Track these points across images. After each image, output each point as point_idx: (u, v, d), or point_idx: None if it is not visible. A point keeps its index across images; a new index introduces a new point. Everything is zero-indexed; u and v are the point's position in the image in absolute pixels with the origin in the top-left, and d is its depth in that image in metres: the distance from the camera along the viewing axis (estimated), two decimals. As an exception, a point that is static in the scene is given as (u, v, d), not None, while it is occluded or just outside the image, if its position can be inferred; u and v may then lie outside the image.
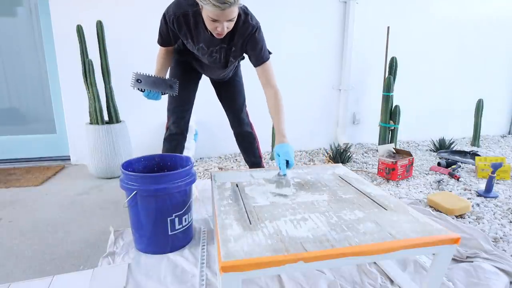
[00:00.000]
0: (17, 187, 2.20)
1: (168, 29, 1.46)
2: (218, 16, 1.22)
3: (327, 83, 3.14)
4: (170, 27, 1.44)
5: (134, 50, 2.60)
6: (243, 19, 1.41)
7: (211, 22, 1.27)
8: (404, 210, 1.09)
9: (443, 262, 0.95)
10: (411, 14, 3.18)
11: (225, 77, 1.77)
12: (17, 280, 1.23)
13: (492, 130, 3.80)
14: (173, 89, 1.51)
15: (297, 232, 0.94)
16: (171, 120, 1.80)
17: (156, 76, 1.49)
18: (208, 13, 1.23)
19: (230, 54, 1.54)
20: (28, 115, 2.75)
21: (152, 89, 1.46)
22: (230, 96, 1.85)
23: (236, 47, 1.50)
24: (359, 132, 3.35)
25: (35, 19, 2.58)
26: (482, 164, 2.34)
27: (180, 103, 1.76)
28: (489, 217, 1.70)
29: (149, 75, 1.46)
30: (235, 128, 1.93)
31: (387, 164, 2.28)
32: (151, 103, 2.21)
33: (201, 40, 1.47)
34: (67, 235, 1.57)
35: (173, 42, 1.53)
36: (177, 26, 1.43)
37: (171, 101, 1.76)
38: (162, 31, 1.49)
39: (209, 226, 1.61)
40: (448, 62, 3.42)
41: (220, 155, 2.97)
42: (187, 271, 1.25)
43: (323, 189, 1.29)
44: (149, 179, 1.26)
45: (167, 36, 1.49)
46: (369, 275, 1.22)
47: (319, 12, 2.93)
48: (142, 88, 1.45)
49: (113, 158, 2.33)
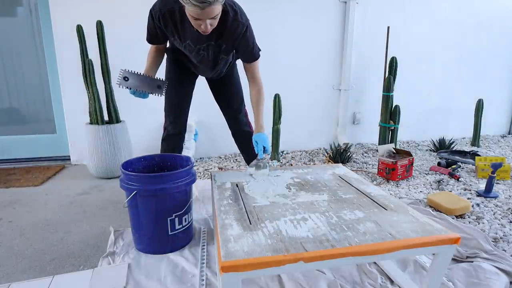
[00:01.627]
0: (17, 187, 2.19)
1: (155, 26, 1.45)
2: (199, 15, 1.21)
3: (327, 83, 3.14)
4: (157, 24, 1.44)
5: (134, 50, 2.59)
6: (232, 17, 1.39)
7: (194, 20, 1.27)
8: (404, 210, 1.09)
9: (443, 262, 0.95)
10: (411, 14, 3.18)
11: (218, 75, 1.74)
12: (17, 280, 1.23)
13: (492, 130, 3.80)
14: (161, 89, 1.48)
15: (297, 232, 0.94)
16: (168, 120, 1.79)
17: (145, 75, 1.46)
18: (190, 12, 1.23)
19: (220, 52, 1.53)
20: (28, 115, 2.75)
21: (138, 89, 1.43)
22: (226, 96, 1.82)
23: (227, 44, 1.49)
24: (359, 132, 3.35)
25: (35, 19, 2.58)
26: (482, 164, 2.34)
27: (176, 103, 1.75)
28: (489, 217, 1.70)
29: (137, 73, 1.43)
30: (232, 128, 1.90)
31: (387, 164, 2.28)
32: (151, 103, 2.22)
33: (188, 37, 1.45)
34: (67, 235, 1.57)
35: (162, 39, 1.52)
36: (163, 23, 1.42)
37: (167, 101, 1.75)
38: (149, 28, 1.48)
39: (209, 226, 1.61)
40: (448, 62, 3.42)
41: (220, 155, 2.97)
42: (187, 271, 1.25)
43: (323, 189, 1.29)
44: (149, 179, 1.26)
45: (155, 33, 1.49)
46: (369, 275, 1.22)
47: (319, 12, 2.93)
48: (128, 86, 1.42)
49: (113, 158, 2.33)
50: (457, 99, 3.56)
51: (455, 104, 3.56)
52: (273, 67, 2.90)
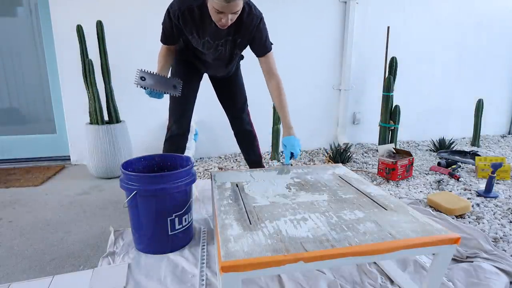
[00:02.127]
0: (17, 187, 2.19)
1: (172, 25, 1.46)
2: (223, 8, 1.25)
3: (327, 83, 3.14)
4: (175, 23, 1.44)
5: (134, 50, 2.60)
6: (247, 11, 1.43)
7: (216, 14, 1.30)
8: (404, 210, 1.09)
9: (443, 262, 0.95)
10: (411, 14, 3.18)
11: (228, 73, 1.77)
12: (17, 280, 1.23)
13: (492, 130, 3.80)
14: (177, 89, 1.48)
15: (297, 232, 0.94)
16: (172, 120, 1.78)
17: (160, 75, 1.45)
18: (214, 4, 1.26)
19: (235, 46, 1.56)
20: (28, 115, 2.75)
21: (155, 88, 1.43)
22: (231, 96, 1.85)
23: (243, 39, 1.52)
24: (359, 132, 3.35)
25: (35, 19, 2.58)
26: (482, 164, 2.34)
27: (182, 103, 1.75)
28: (489, 217, 1.70)
29: (153, 73, 1.42)
30: (235, 127, 1.92)
31: (387, 164, 2.28)
32: (150, 103, 2.22)
33: (207, 34, 1.47)
34: (67, 235, 1.57)
35: (177, 39, 1.54)
36: (182, 21, 1.43)
37: (173, 100, 1.75)
38: (165, 27, 1.49)
39: (209, 226, 1.61)
40: (448, 62, 3.42)
41: (220, 155, 2.97)
42: (187, 271, 1.25)
43: (323, 189, 1.29)
44: (149, 179, 1.26)
45: (171, 33, 1.49)
46: (369, 275, 1.22)
47: (319, 12, 2.93)
48: (145, 86, 1.42)
49: (113, 158, 2.33)
50: (457, 99, 3.56)
51: (455, 104, 3.56)
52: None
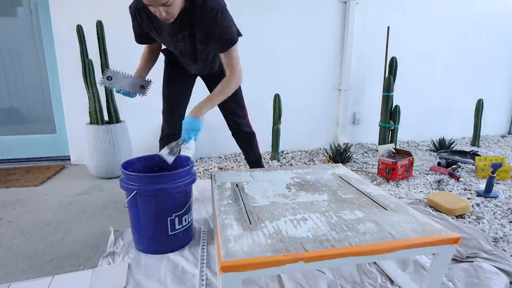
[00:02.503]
0: (17, 187, 2.19)
1: (135, 24, 1.47)
2: (149, 1, 1.20)
3: (327, 83, 3.14)
4: (137, 21, 1.45)
5: (134, 50, 2.59)
6: (200, 3, 1.32)
7: (151, 9, 1.26)
8: (404, 210, 1.09)
9: (443, 262, 0.95)
10: (411, 14, 3.18)
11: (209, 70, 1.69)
12: (17, 280, 1.23)
13: (492, 130, 3.80)
14: (143, 90, 1.49)
15: (297, 232, 0.94)
16: (164, 120, 1.80)
17: (130, 75, 1.47)
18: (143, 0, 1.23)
19: (195, 42, 1.46)
20: (28, 115, 2.75)
21: (119, 88, 1.44)
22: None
23: (201, 33, 1.41)
24: (359, 132, 3.35)
25: (35, 19, 2.58)
26: (482, 164, 2.34)
27: (170, 103, 1.76)
28: (489, 217, 1.70)
29: (122, 73, 1.44)
30: (232, 129, 1.88)
31: (387, 164, 2.28)
32: (151, 103, 2.22)
33: (164, 31, 1.45)
34: (67, 235, 1.57)
35: (146, 38, 1.53)
36: (139, 19, 1.43)
37: (163, 101, 1.76)
38: (132, 27, 1.50)
39: (209, 226, 1.61)
40: (448, 62, 3.42)
41: (220, 155, 2.97)
42: (187, 271, 1.25)
43: (323, 189, 1.29)
44: (149, 179, 1.26)
45: (139, 31, 1.50)
46: (369, 275, 1.22)
47: (319, 12, 2.93)
48: (110, 86, 1.44)
49: (113, 158, 2.33)
50: (457, 99, 3.56)
51: (455, 104, 3.56)
52: (273, 67, 2.90)
